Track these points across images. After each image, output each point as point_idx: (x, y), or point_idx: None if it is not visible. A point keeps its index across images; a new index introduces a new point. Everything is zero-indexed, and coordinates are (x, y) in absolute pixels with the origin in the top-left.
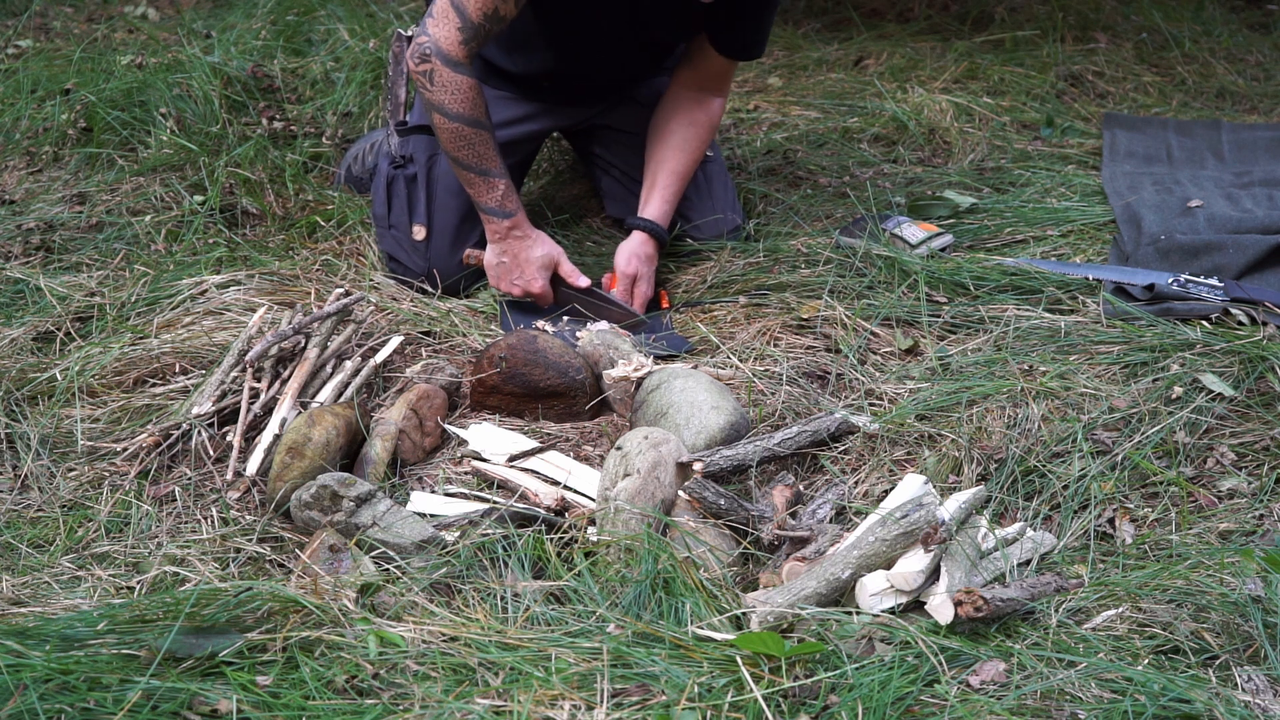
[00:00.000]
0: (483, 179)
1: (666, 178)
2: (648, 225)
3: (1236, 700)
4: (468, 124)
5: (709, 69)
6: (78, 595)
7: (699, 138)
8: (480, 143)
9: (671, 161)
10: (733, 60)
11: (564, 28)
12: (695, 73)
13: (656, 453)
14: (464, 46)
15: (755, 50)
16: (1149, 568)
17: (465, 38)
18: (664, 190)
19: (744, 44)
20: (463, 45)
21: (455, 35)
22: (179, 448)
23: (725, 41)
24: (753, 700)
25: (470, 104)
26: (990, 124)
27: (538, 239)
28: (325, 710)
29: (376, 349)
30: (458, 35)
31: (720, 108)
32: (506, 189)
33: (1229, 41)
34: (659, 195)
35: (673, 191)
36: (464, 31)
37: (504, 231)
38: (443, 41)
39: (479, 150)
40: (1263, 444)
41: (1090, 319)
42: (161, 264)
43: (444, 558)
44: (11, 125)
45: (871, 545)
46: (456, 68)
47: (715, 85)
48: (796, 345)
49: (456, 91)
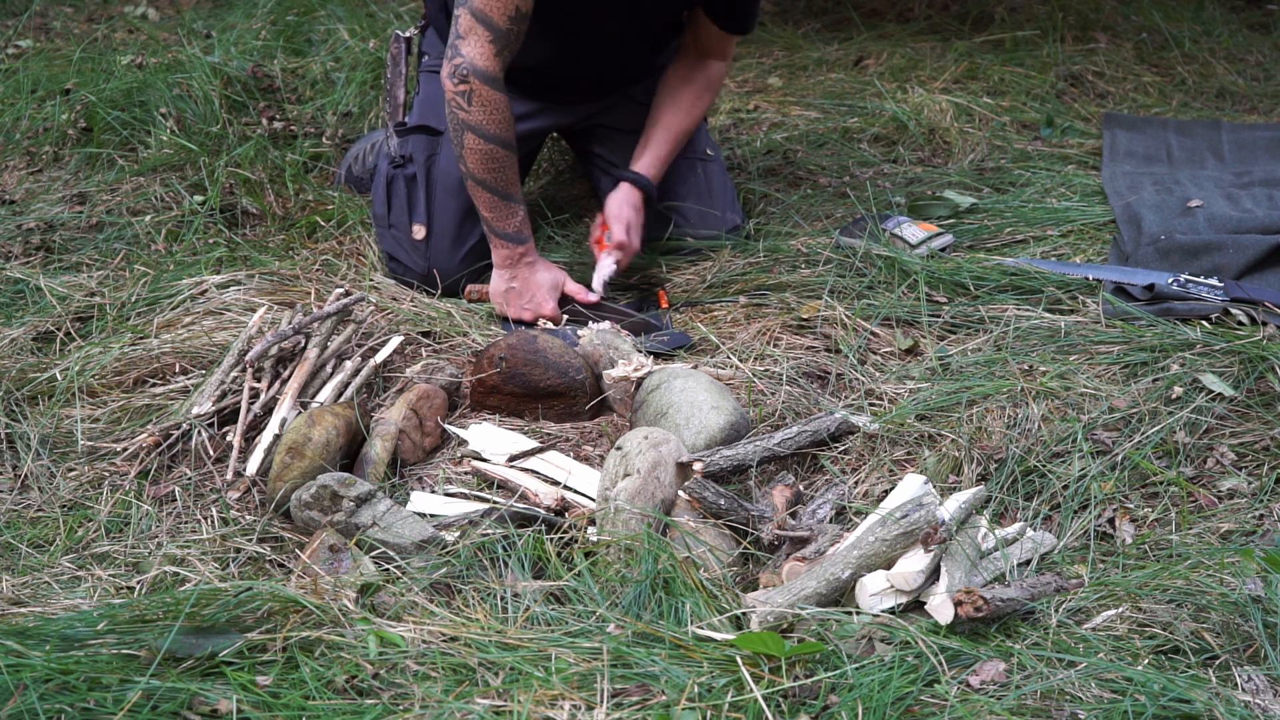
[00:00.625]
0: (505, 203)
1: (660, 133)
2: (633, 177)
3: (1236, 700)
4: (501, 145)
5: (707, 38)
6: (78, 595)
7: (697, 96)
8: (509, 166)
9: (667, 118)
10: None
11: (566, 28)
12: (695, 41)
13: (656, 453)
14: (498, 58)
15: (749, 24)
16: (1149, 568)
17: (498, 48)
18: (656, 147)
19: (741, 17)
20: (496, 57)
21: (489, 49)
22: (179, 448)
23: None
24: (753, 700)
25: (506, 124)
26: (990, 124)
27: (543, 264)
28: (325, 710)
29: (376, 349)
30: (490, 48)
31: (720, 72)
32: (524, 216)
33: (1229, 41)
34: (650, 152)
35: (666, 149)
36: (496, 42)
37: (515, 258)
38: (478, 59)
39: (507, 174)
40: (1263, 444)
41: (1090, 319)
42: (161, 264)
43: (444, 558)
44: (11, 125)
45: (871, 545)
46: (494, 84)
47: (716, 50)
48: (796, 345)
49: (495, 111)
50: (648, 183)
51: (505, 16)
